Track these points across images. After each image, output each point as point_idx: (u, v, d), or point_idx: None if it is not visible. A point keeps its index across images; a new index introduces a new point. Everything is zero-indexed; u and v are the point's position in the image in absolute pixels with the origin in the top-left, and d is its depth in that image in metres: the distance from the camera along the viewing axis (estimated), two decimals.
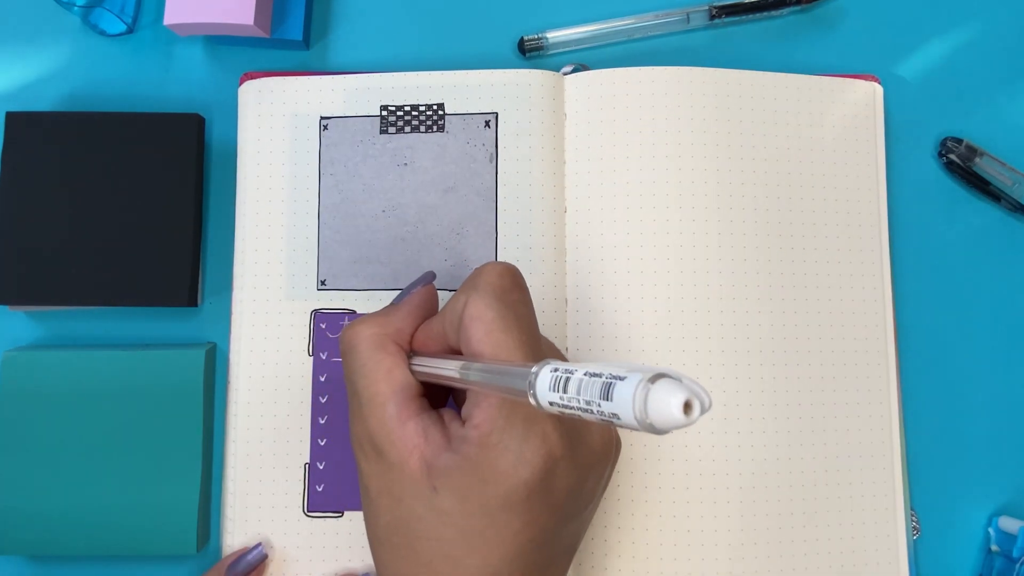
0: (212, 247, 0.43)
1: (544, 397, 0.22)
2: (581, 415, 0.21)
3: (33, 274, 0.41)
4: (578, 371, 0.21)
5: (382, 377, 0.31)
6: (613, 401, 0.20)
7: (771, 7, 0.44)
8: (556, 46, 0.44)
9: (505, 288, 0.31)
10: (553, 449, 0.28)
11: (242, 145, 0.43)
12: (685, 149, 0.41)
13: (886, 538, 0.40)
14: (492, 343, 0.29)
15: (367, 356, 0.31)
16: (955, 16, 0.46)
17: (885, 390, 0.42)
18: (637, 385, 0.19)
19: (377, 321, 0.32)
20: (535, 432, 0.28)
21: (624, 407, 0.19)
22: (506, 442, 0.28)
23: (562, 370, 0.22)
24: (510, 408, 0.28)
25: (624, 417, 0.19)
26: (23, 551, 0.40)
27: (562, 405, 0.22)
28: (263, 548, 0.39)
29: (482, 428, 0.28)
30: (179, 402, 0.40)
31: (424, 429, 0.30)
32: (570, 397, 0.21)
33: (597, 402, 0.20)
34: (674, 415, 0.19)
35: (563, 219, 0.42)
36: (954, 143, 0.44)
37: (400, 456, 0.30)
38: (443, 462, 0.29)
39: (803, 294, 0.41)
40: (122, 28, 0.45)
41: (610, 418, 0.20)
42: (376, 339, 0.32)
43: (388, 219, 0.42)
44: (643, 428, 0.19)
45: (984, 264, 0.44)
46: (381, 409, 0.30)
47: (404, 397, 0.31)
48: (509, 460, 0.28)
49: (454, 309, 0.31)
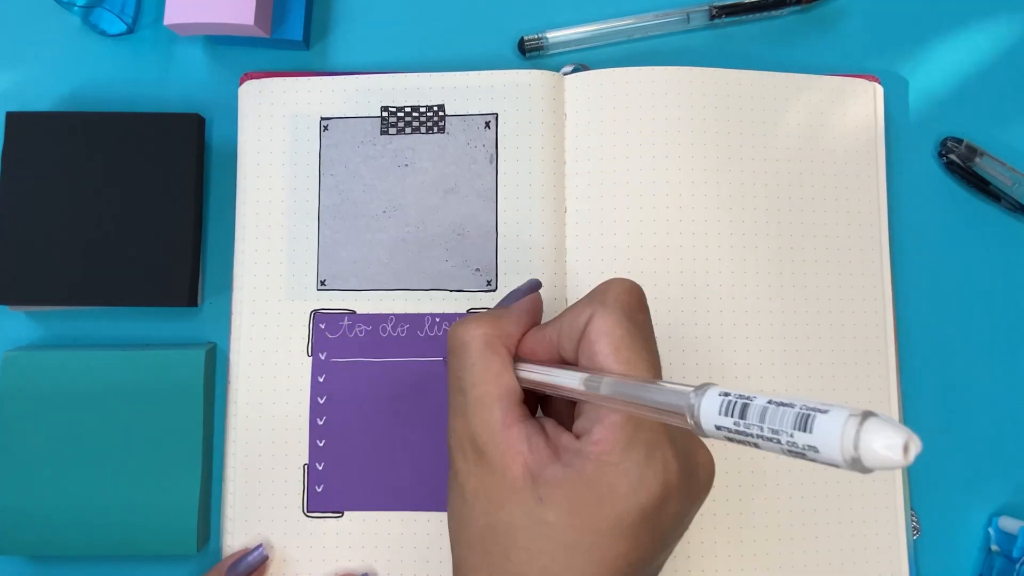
0: (212, 247, 0.43)
1: (710, 420, 0.22)
2: (758, 443, 0.21)
3: (33, 274, 0.41)
4: (757, 398, 0.21)
5: (491, 378, 0.31)
6: (812, 433, 0.19)
7: (771, 7, 0.44)
8: (556, 46, 0.44)
9: (633, 307, 0.30)
10: (671, 478, 0.28)
11: (242, 145, 0.43)
12: (685, 149, 0.41)
13: (886, 538, 0.40)
14: (621, 360, 0.28)
15: (477, 355, 0.31)
16: (955, 16, 0.46)
17: (885, 390, 0.42)
18: (846, 421, 0.19)
19: (489, 322, 0.32)
20: (657, 458, 0.28)
21: (828, 441, 0.19)
22: (627, 464, 0.28)
23: (734, 395, 0.22)
24: (634, 429, 0.28)
25: (826, 451, 0.19)
26: (23, 551, 0.40)
27: (735, 431, 0.21)
28: (264, 549, 0.39)
29: (602, 445, 0.28)
30: (179, 402, 0.40)
31: (528, 436, 0.30)
32: (748, 424, 0.21)
33: (788, 432, 0.20)
34: (890, 456, 0.18)
35: (563, 219, 0.42)
36: (954, 143, 0.44)
37: (503, 461, 0.29)
38: (551, 473, 0.29)
39: (803, 294, 0.41)
40: (122, 28, 0.45)
41: (804, 450, 0.20)
42: (488, 339, 0.31)
43: (388, 220, 0.42)
44: (846, 464, 0.19)
45: (984, 264, 0.44)
46: (488, 410, 0.30)
47: (510, 402, 0.30)
48: (628, 482, 0.28)
49: (574, 321, 0.30)
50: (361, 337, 0.41)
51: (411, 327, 0.41)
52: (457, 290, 0.41)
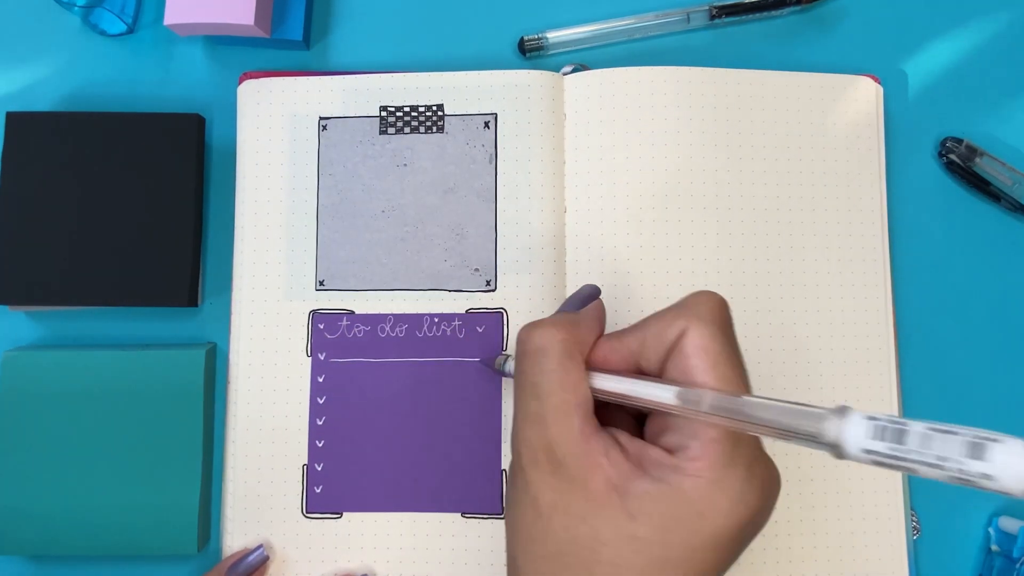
0: (212, 247, 0.43)
1: (857, 444, 0.22)
2: (917, 468, 0.21)
3: (33, 274, 0.41)
4: (913, 423, 0.22)
5: (571, 387, 0.30)
6: (987, 462, 0.20)
7: (771, 7, 0.44)
8: (556, 46, 0.44)
9: (727, 321, 0.30)
10: (770, 495, 0.28)
11: (241, 145, 0.43)
12: (685, 149, 0.41)
13: (886, 538, 0.40)
14: (719, 376, 0.28)
15: (558, 362, 0.30)
16: (955, 16, 0.45)
17: (885, 389, 0.42)
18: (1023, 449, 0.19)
19: (568, 328, 0.31)
20: (756, 474, 0.28)
21: (1007, 471, 0.20)
22: (729, 480, 0.27)
23: (883, 419, 0.22)
24: (733, 446, 0.27)
25: (1003, 480, 0.20)
26: (23, 551, 0.40)
27: (891, 456, 0.22)
28: (264, 550, 0.39)
29: (701, 462, 0.27)
30: (179, 402, 0.40)
31: (606, 448, 0.29)
32: (908, 450, 0.21)
33: (957, 460, 0.20)
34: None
35: (563, 219, 0.42)
36: (954, 143, 0.43)
37: (584, 472, 0.28)
38: (642, 488, 0.28)
39: (803, 293, 0.41)
40: (122, 28, 0.45)
41: (975, 478, 0.20)
42: (567, 346, 0.30)
43: (387, 219, 0.42)
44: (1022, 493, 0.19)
45: (984, 264, 0.44)
46: (568, 420, 0.29)
47: (587, 412, 0.30)
48: (729, 499, 0.27)
49: (663, 333, 0.29)
50: (360, 337, 0.41)
51: (410, 327, 0.41)
52: (456, 290, 0.41)
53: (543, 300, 0.41)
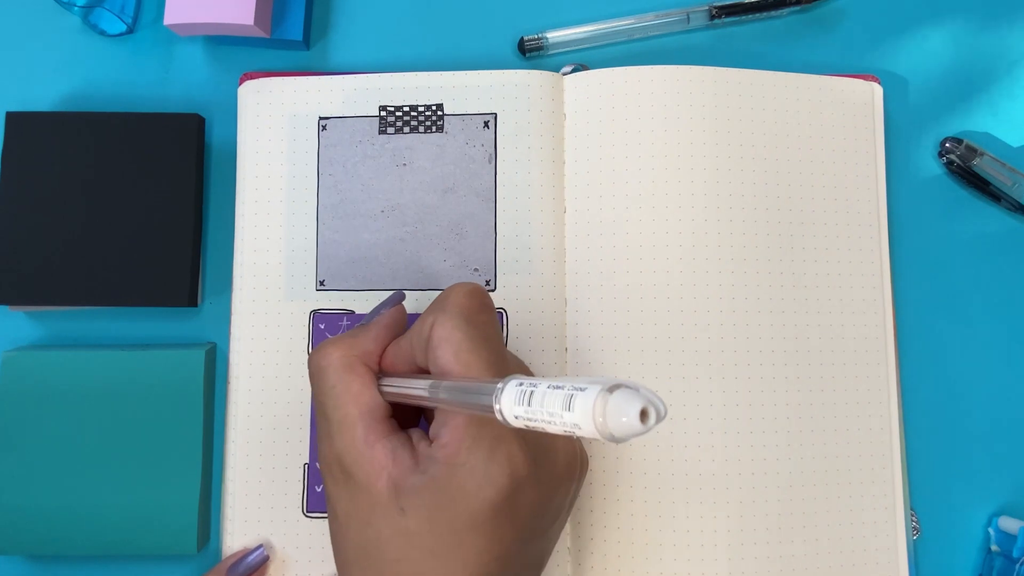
0: (212, 247, 0.43)
1: (509, 411, 0.23)
2: (545, 427, 0.22)
3: (33, 274, 0.41)
4: (541, 384, 0.22)
5: (351, 399, 0.31)
6: (574, 412, 0.20)
7: (771, 7, 0.44)
8: (556, 46, 0.44)
9: (473, 309, 0.31)
10: (518, 469, 0.29)
11: (241, 145, 0.43)
12: (685, 148, 0.41)
13: (886, 538, 0.40)
14: (461, 363, 0.29)
15: (336, 378, 0.31)
16: (955, 16, 0.45)
17: (885, 390, 0.42)
18: (596, 396, 0.20)
19: (345, 343, 0.32)
20: (500, 452, 0.29)
21: (584, 418, 0.20)
22: (472, 462, 0.28)
23: (527, 384, 0.23)
24: (477, 428, 0.29)
25: (584, 427, 0.20)
26: (23, 551, 0.40)
27: (527, 418, 0.22)
28: (264, 550, 0.39)
29: (449, 448, 0.29)
30: (179, 402, 0.40)
31: (393, 450, 0.30)
32: (534, 410, 0.22)
33: (560, 414, 0.21)
34: (632, 424, 0.19)
35: (563, 219, 0.42)
36: (954, 143, 0.43)
37: (368, 478, 0.30)
38: (410, 483, 0.29)
39: (803, 294, 0.41)
40: (122, 28, 0.45)
41: (572, 428, 0.21)
42: (345, 361, 0.32)
43: (387, 219, 0.42)
44: (604, 437, 0.20)
45: (984, 264, 0.44)
46: (350, 431, 0.31)
47: (372, 419, 0.31)
48: (475, 480, 0.28)
49: (421, 330, 0.31)
50: None
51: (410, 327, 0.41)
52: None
53: (543, 300, 0.41)
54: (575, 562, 0.39)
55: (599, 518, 0.39)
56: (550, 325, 0.41)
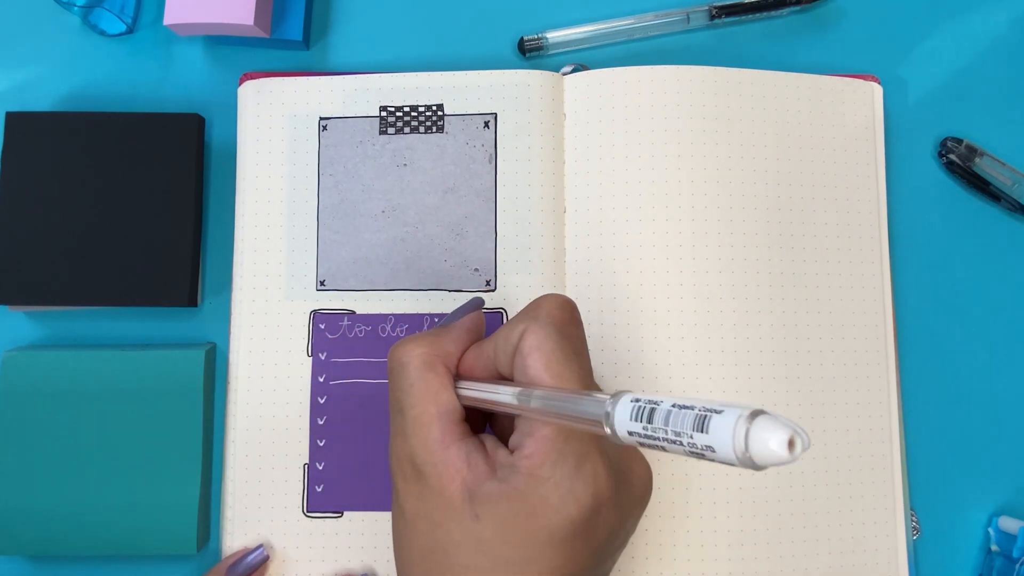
0: (212, 247, 0.43)
1: (623, 426, 0.22)
2: (665, 446, 0.21)
3: (33, 274, 0.41)
4: (664, 402, 0.22)
5: (430, 398, 0.31)
6: (709, 434, 0.20)
7: (771, 7, 0.44)
8: (556, 46, 0.44)
9: (565, 321, 0.31)
10: (602, 489, 0.28)
11: (241, 145, 0.43)
12: (685, 148, 0.41)
13: (886, 538, 0.40)
14: (552, 374, 0.29)
15: (416, 376, 0.31)
16: (955, 16, 0.46)
17: (885, 390, 0.42)
18: (737, 420, 0.19)
19: (428, 341, 0.32)
20: (587, 470, 0.28)
21: (722, 440, 0.20)
22: (557, 476, 0.28)
23: (644, 400, 0.22)
24: (564, 441, 0.28)
25: (721, 450, 0.20)
26: (23, 551, 0.40)
27: (644, 435, 0.22)
28: (264, 550, 0.39)
29: (534, 459, 0.28)
30: (179, 402, 0.40)
31: (467, 454, 0.30)
32: (655, 428, 0.21)
33: (689, 434, 0.20)
34: (778, 452, 0.19)
35: (563, 219, 0.42)
36: (954, 143, 0.43)
37: (441, 480, 0.29)
38: (487, 490, 0.29)
39: (803, 294, 0.41)
40: (122, 28, 0.45)
41: (703, 450, 0.20)
42: (427, 359, 0.31)
43: (387, 219, 0.42)
44: (740, 462, 0.19)
45: (984, 264, 0.44)
46: (426, 430, 0.30)
47: (449, 420, 0.30)
48: (559, 495, 0.28)
49: (509, 337, 0.30)
50: (361, 337, 0.41)
51: (410, 327, 0.41)
52: (456, 290, 0.41)
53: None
54: None
55: None
56: None
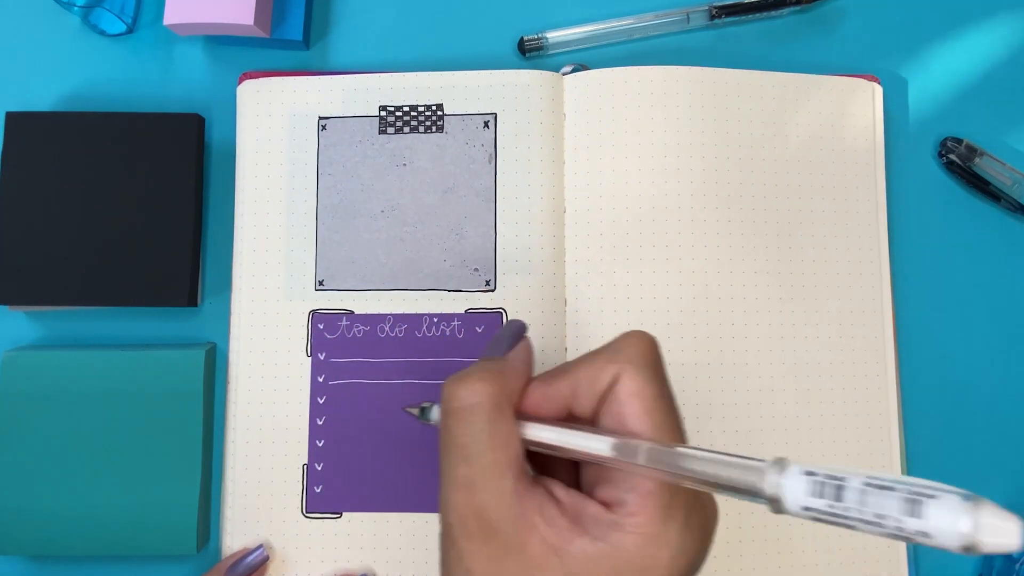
0: (212, 247, 0.43)
1: (797, 501, 0.22)
2: (855, 526, 0.21)
3: (33, 274, 0.41)
4: (851, 479, 0.21)
5: (501, 445, 0.27)
6: (924, 519, 0.20)
7: (771, 7, 0.44)
8: (556, 46, 0.44)
9: (659, 363, 0.28)
10: (707, 538, 0.27)
11: (241, 145, 0.43)
12: (684, 148, 0.41)
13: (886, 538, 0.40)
14: (655, 425, 0.27)
15: (487, 419, 0.28)
16: (955, 16, 0.45)
17: (885, 390, 0.42)
18: (958, 508, 0.19)
19: (495, 378, 0.28)
20: (694, 524, 0.27)
21: (943, 528, 0.19)
22: (668, 534, 0.26)
23: (821, 475, 0.21)
24: (670, 496, 0.26)
25: (940, 538, 0.19)
26: (23, 551, 0.40)
27: (829, 513, 0.21)
28: (264, 550, 0.39)
29: (640, 517, 0.26)
30: (179, 402, 0.40)
31: (540, 507, 0.27)
32: (847, 507, 0.21)
33: (896, 517, 0.20)
34: (1011, 543, 0.19)
35: (562, 219, 0.42)
36: (954, 143, 0.43)
37: (519, 537, 0.26)
38: (581, 549, 0.26)
39: (803, 293, 0.41)
40: (122, 28, 0.45)
41: (913, 535, 0.20)
42: (496, 400, 0.28)
43: (387, 219, 0.42)
44: (963, 549, 0.19)
45: (984, 264, 0.44)
46: (499, 482, 0.27)
47: (519, 469, 0.27)
48: (670, 552, 0.26)
49: (596, 378, 0.28)
50: (360, 337, 0.41)
51: (409, 327, 0.41)
52: (455, 290, 0.41)
53: (542, 300, 0.41)
54: None
55: None
56: (550, 325, 0.41)
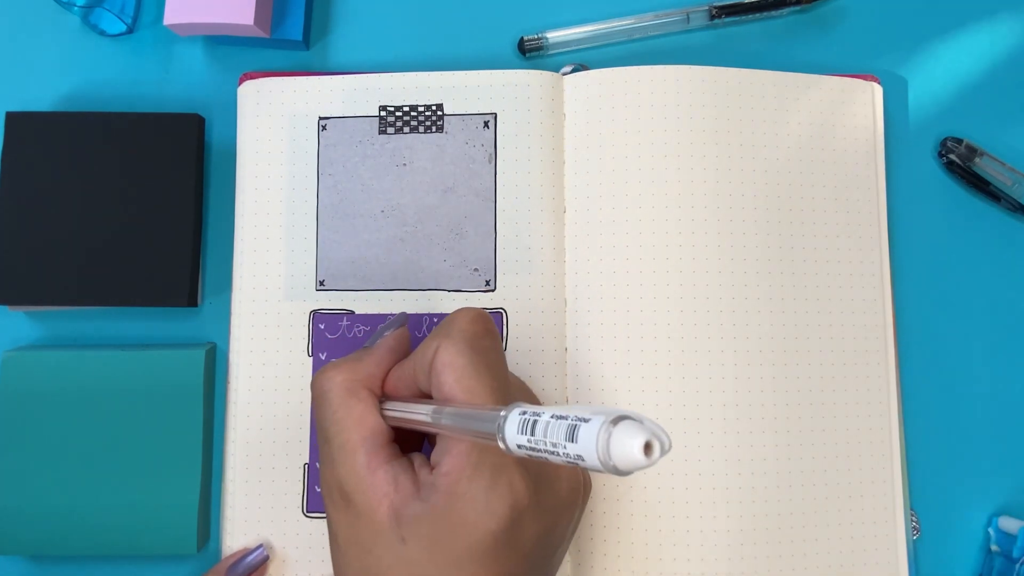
0: (212, 247, 0.43)
1: (512, 440, 0.23)
2: (548, 457, 0.22)
3: (33, 274, 0.41)
4: (545, 414, 0.22)
5: (353, 424, 0.31)
6: (578, 443, 0.20)
7: (771, 7, 0.44)
8: (556, 46, 0.44)
9: (477, 334, 0.31)
10: (519, 498, 0.28)
11: (241, 145, 0.43)
12: (684, 148, 0.41)
13: (886, 538, 0.40)
14: (463, 389, 0.29)
15: (338, 403, 0.31)
16: (955, 16, 0.45)
17: (885, 390, 0.42)
18: (600, 427, 0.20)
19: (348, 367, 0.32)
20: (502, 481, 0.28)
21: (588, 449, 0.20)
22: (473, 491, 0.28)
23: (530, 413, 0.22)
24: (479, 456, 0.28)
25: (588, 459, 0.20)
26: (23, 551, 0.40)
27: (530, 448, 0.22)
28: (264, 550, 0.39)
29: (451, 476, 0.28)
30: (179, 402, 0.40)
31: (394, 477, 0.30)
32: (537, 440, 0.22)
33: (563, 444, 0.21)
34: (635, 456, 0.19)
35: (562, 219, 0.42)
36: (954, 143, 0.43)
37: (369, 505, 0.29)
38: (411, 511, 0.29)
39: (803, 294, 0.41)
40: (122, 28, 0.45)
41: (575, 460, 0.20)
42: (347, 385, 0.32)
43: (387, 219, 0.42)
44: (606, 469, 0.20)
45: (984, 264, 0.44)
46: (351, 457, 0.30)
47: (374, 444, 0.30)
48: (476, 510, 0.28)
49: (424, 354, 0.31)
50: (360, 337, 0.41)
51: (409, 327, 0.41)
52: (455, 290, 0.41)
53: (542, 300, 0.41)
54: (575, 562, 0.39)
55: (599, 518, 0.39)
56: (550, 325, 0.41)
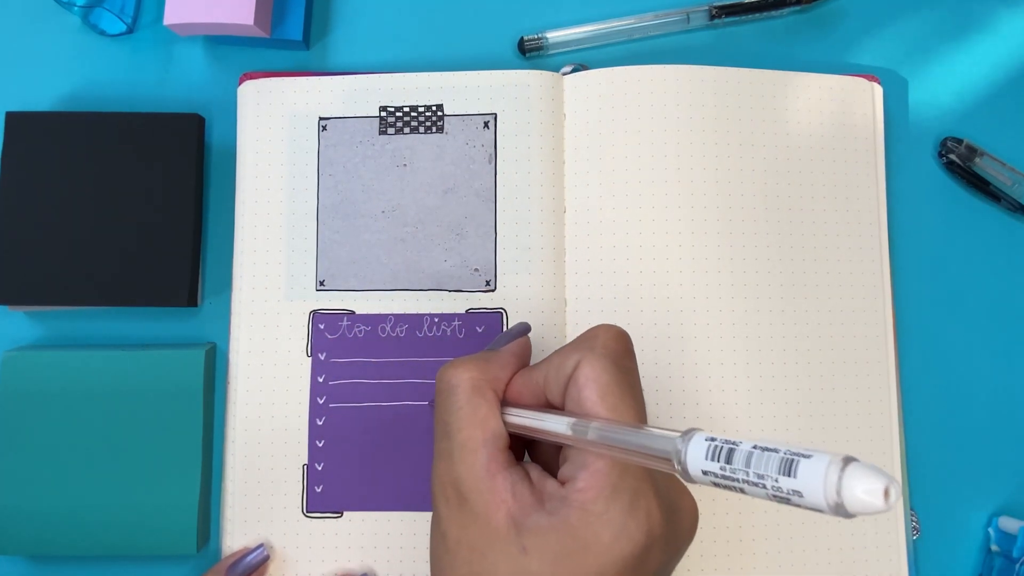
0: (212, 247, 0.43)
1: (696, 465, 0.22)
2: (744, 488, 0.21)
3: (33, 274, 0.41)
4: (743, 444, 0.21)
5: (477, 423, 0.30)
6: (797, 478, 0.20)
7: (771, 7, 0.44)
8: (556, 46, 0.44)
9: (620, 353, 0.30)
10: (655, 526, 0.28)
11: (241, 145, 0.43)
12: (684, 148, 0.41)
13: (886, 538, 0.40)
14: (607, 406, 0.28)
15: (465, 399, 0.31)
16: (955, 16, 0.45)
17: (885, 389, 0.42)
18: (828, 465, 0.19)
19: (478, 365, 0.32)
20: (640, 506, 0.28)
21: (812, 486, 0.19)
22: (611, 512, 0.27)
23: (720, 440, 0.22)
24: (619, 476, 0.28)
25: (810, 496, 0.19)
26: (23, 551, 0.40)
27: (721, 476, 0.22)
28: (264, 550, 0.39)
29: (587, 493, 0.28)
30: (179, 402, 0.40)
31: (512, 484, 0.29)
32: (735, 469, 0.21)
33: (774, 477, 0.20)
34: (873, 502, 0.19)
35: (562, 219, 0.42)
36: (954, 143, 0.43)
37: (487, 508, 0.29)
38: (535, 522, 0.28)
39: (803, 293, 0.41)
40: (122, 28, 0.45)
41: (788, 495, 0.20)
42: (476, 383, 0.31)
43: (387, 220, 0.42)
44: (829, 509, 0.19)
45: (984, 264, 0.44)
46: (473, 455, 0.30)
47: (496, 447, 0.30)
48: (612, 532, 0.27)
49: (562, 365, 0.30)
50: (360, 337, 0.41)
51: (410, 327, 0.41)
52: (456, 290, 0.41)
53: (543, 300, 0.41)
54: None
55: None
56: (550, 325, 0.41)
